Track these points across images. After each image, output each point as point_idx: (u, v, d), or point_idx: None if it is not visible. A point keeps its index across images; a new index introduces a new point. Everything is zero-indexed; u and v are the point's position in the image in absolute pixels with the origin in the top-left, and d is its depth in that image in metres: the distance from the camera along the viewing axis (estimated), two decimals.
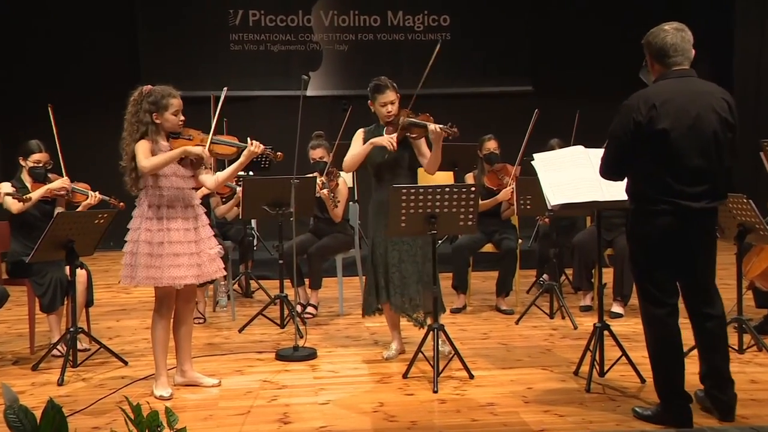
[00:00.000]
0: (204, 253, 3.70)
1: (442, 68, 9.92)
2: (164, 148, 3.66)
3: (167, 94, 3.64)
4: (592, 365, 3.75)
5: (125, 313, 5.86)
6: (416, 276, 4.13)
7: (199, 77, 9.12)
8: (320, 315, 5.64)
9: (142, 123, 3.61)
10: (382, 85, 4.19)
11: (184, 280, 3.62)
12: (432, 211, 3.81)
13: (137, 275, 3.59)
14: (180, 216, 3.65)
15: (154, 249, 3.58)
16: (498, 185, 5.69)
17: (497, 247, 5.69)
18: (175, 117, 3.66)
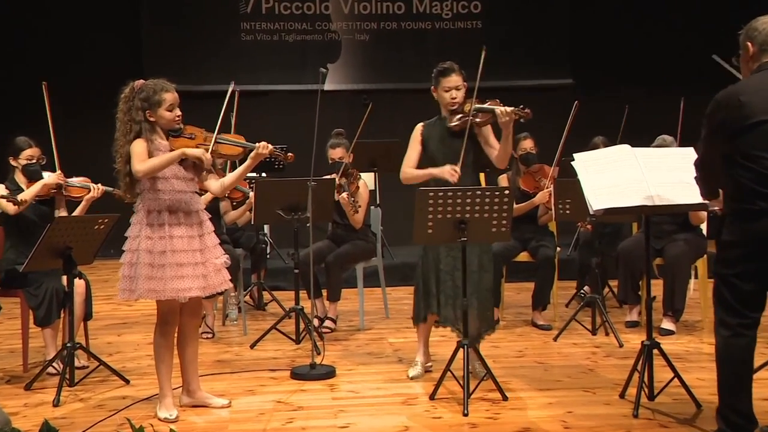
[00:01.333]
0: (210, 263, 3.69)
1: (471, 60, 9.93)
2: (163, 148, 3.64)
3: (159, 89, 3.62)
4: (640, 388, 3.70)
5: (127, 327, 5.89)
6: (471, 287, 4.11)
7: (206, 70, 9.18)
8: (339, 329, 5.63)
9: (135, 122, 3.59)
10: (448, 68, 4.21)
11: (189, 292, 3.61)
12: (462, 216, 3.80)
13: (138, 288, 3.57)
14: (183, 222, 3.64)
15: (155, 259, 3.57)
16: (534, 188, 5.66)
17: (533, 256, 5.66)
18: (170, 113, 3.64)
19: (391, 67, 9.49)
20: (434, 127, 4.27)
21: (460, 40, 9.39)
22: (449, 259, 4.13)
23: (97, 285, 6.71)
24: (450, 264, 4.11)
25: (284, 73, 9.39)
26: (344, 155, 5.68)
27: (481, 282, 4.14)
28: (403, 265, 7.50)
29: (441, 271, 4.13)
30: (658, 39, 9.42)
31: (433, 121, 4.31)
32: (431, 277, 4.18)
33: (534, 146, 5.74)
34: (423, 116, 4.37)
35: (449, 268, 4.12)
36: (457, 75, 4.19)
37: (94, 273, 6.94)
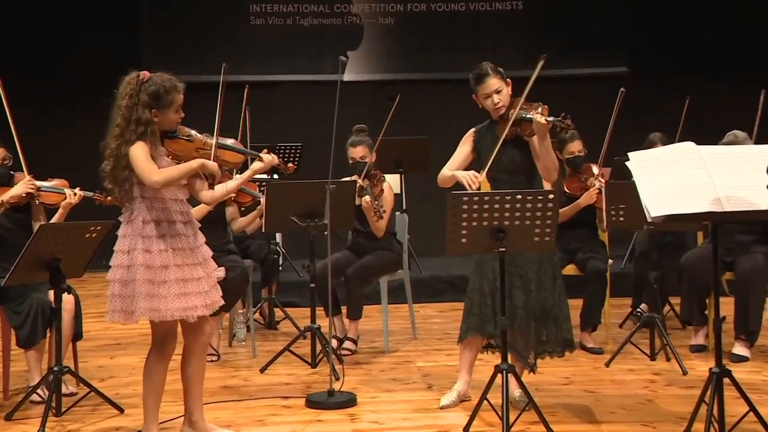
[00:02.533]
0: (209, 278, 3.71)
1: (511, 45, 9.95)
2: (162, 153, 3.66)
3: (172, 88, 3.61)
4: (709, 422, 3.62)
5: (121, 349, 5.90)
6: (530, 307, 4.12)
7: (211, 58, 9.12)
8: (360, 351, 5.62)
9: (141, 121, 3.56)
10: (482, 74, 4.22)
11: (196, 311, 3.62)
12: (500, 223, 3.77)
13: (137, 307, 3.56)
14: (182, 233, 3.64)
15: (156, 274, 3.55)
16: (581, 189, 5.63)
17: (581, 269, 5.62)
18: (177, 115, 3.66)
19: (419, 55, 9.47)
20: (487, 134, 4.31)
21: (499, 23, 9.35)
22: (506, 276, 4.08)
23: (88, 301, 6.71)
24: (507, 281, 4.08)
25: (299, 61, 9.42)
26: (366, 154, 5.68)
27: (540, 302, 4.14)
28: (432, 278, 7.48)
29: (497, 290, 4.11)
30: (728, 23, 9.28)
31: (485, 126, 4.35)
32: (485, 293, 4.18)
33: (583, 148, 5.70)
34: (455, 110, 4.35)
35: (507, 286, 4.08)
36: (494, 77, 4.21)
37: (84, 287, 6.96)
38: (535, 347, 4.19)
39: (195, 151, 3.71)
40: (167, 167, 3.60)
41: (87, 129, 9.36)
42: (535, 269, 4.16)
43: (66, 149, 8.68)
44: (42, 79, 9.01)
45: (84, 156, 9.10)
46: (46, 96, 8.98)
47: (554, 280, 4.22)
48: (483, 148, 4.26)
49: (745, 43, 9.20)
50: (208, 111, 4.15)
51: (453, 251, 3.88)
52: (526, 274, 4.16)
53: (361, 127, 5.88)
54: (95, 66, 8.88)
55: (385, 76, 9.38)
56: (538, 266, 4.16)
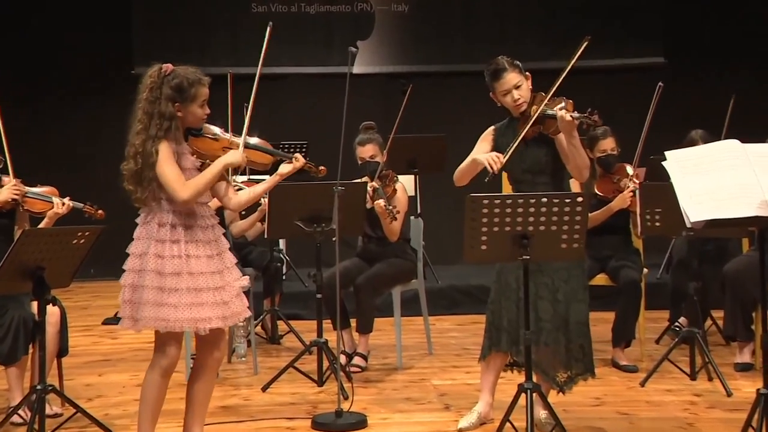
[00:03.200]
0: (230, 287, 3.73)
1: (537, 34, 9.93)
2: (186, 150, 3.71)
3: (196, 80, 3.66)
4: None
5: (110, 366, 5.89)
6: (558, 320, 4.11)
7: (210, 49, 9.25)
8: (371, 368, 5.63)
9: (165, 116, 3.61)
10: (499, 68, 4.21)
11: (209, 323, 3.63)
12: (524, 229, 3.76)
13: (142, 316, 3.58)
14: (200, 239, 3.67)
15: (166, 282, 3.58)
16: (613, 191, 5.60)
17: (614, 279, 5.60)
18: (202, 110, 3.72)
19: (435, 45, 9.47)
20: (507, 133, 4.30)
21: (522, 10, 9.32)
22: (530, 286, 4.07)
23: (75, 313, 6.77)
24: (531, 291, 4.07)
25: (305, 52, 9.44)
26: (376, 154, 5.69)
27: (569, 314, 4.12)
28: (450, 289, 7.48)
29: (520, 301, 4.09)
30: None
31: (505, 125, 4.34)
32: (509, 306, 4.17)
33: (616, 146, 5.67)
34: (474, 105, 4.35)
35: (531, 296, 4.08)
36: (511, 71, 4.21)
37: (70, 298, 7.00)
38: (566, 364, 4.15)
39: (221, 150, 3.76)
40: (193, 179, 3.64)
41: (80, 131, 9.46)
42: (564, 277, 4.14)
43: (56, 152, 8.74)
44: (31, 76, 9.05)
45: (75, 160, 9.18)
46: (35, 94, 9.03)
47: (585, 290, 4.21)
48: (503, 148, 4.24)
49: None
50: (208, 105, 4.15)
51: (472, 259, 3.87)
52: (553, 282, 4.15)
53: (369, 125, 5.88)
54: (86, 61, 8.93)
55: (398, 68, 9.38)
56: (567, 274, 4.14)
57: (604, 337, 5.91)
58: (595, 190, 5.63)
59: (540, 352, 4.12)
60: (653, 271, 6.84)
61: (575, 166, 4.15)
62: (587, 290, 4.24)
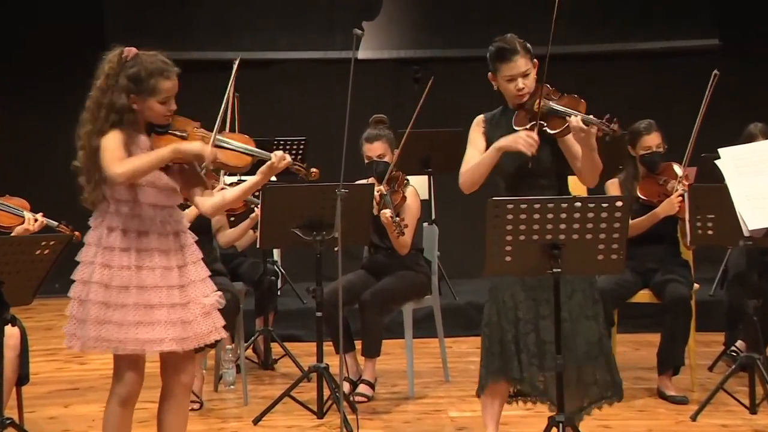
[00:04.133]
0: (194, 305, 3.69)
1: (574, 15, 9.89)
2: (143, 146, 3.66)
3: (157, 72, 3.61)
4: None
5: (78, 395, 5.88)
6: (571, 338, 4.09)
7: (195, 32, 9.24)
8: (379, 398, 5.62)
9: (115, 108, 3.59)
10: (508, 49, 4.18)
11: (161, 345, 3.61)
12: (554, 238, 3.75)
13: (84, 334, 3.59)
14: (157, 248, 3.64)
15: (112, 296, 3.57)
16: (659, 195, 5.57)
17: (659, 296, 5.58)
18: (162, 106, 3.65)
19: (452, 27, 9.45)
20: (499, 125, 4.27)
21: None
22: (530, 303, 4.10)
23: (37, 335, 6.75)
24: (532, 309, 4.08)
25: (303, 35, 9.44)
26: (386, 152, 5.67)
27: (577, 334, 4.08)
28: (468, 306, 7.46)
29: (520, 321, 4.09)
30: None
31: (497, 115, 4.32)
32: (506, 328, 4.13)
33: (662, 143, 5.64)
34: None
35: (531, 316, 4.10)
36: (523, 56, 4.17)
37: (32, 317, 6.99)
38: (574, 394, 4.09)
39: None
40: (133, 156, 3.58)
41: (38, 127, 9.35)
42: (568, 292, 4.08)
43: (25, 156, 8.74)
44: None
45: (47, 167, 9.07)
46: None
47: (595, 304, 4.15)
48: (495, 139, 4.22)
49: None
50: (191, 95, 4.14)
51: (494, 271, 3.88)
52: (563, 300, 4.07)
53: (380, 118, 5.87)
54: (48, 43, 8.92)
55: (409, 53, 9.38)
56: (570, 288, 4.09)
57: (648, 362, 5.90)
58: (638, 193, 5.62)
59: (546, 379, 4.08)
60: (705, 286, 6.82)
61: (588, 169, 4.11)
62: (599, 304, 4.17)
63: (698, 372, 5.81)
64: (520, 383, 4.14)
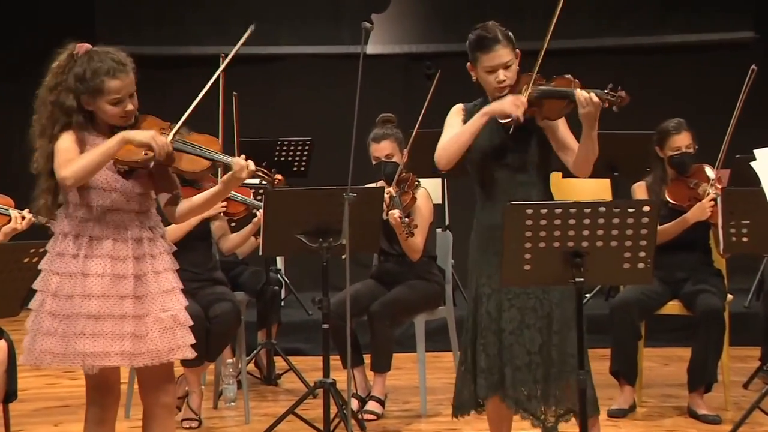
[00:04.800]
0: (151, 318, 3.63)
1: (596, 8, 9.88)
2: None
3: (103, 70, 3.55)
4: None
5: (69, 413, 5.87)
6: (548, 352, 4.08)
7: (189, 25, 9.23)
8: (389, 415, 5.63)
9: (63, 108, 3.57)
10: (489, 38, 4.17)
11: (105, 359, 3.55)
12: (576, 245, 3.75)
13: (35, 346, 3.59)
14: (108, 254, 3.60)
15: (60, 305, 3.57)
16: (689, 199, 5.56)
17: (689, 307, 5.58)
18: (114, 108, 3.60)
19: (466, 20, 9.34)
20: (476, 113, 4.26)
21: None
22: (514, 312, 4.10)
23: None
24: (516, 319, 4.09)
25: (309, 28, 9.45)
26: (394, 152, 5.69)
27: (564, 344, 4.08)
28: None
29: (503, 332, 4.09)
30: None
31: (479, 104, 4.31)
32: (487, 339, 4.14)
33: (693, 143, 5.62)
34: None
35: (514, 326, 4.09)
36: (504, 47, 4.16)
37: (19, 329, 6.94)
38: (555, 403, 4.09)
39: (143, 154, 3.59)
40: (79, 157, 3.53)
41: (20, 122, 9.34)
42: (556, 299, 4.09)
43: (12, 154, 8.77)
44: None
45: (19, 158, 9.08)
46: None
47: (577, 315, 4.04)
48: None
49: None
50: (185, 92, 4.14)
51: (512, 281, 3.88)
52: (542, 307, 4.10)
53: (387, 117, 5.88)
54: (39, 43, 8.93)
55: (421, 48, 9.40)
56: (560, 295, 4.08)
57: (678, 379, 5.90)
58: (666, 197, 5.59)
59: (528, 390, 4.07)
60: (739, 297, 6.80)
61: (587, 156, 4.09)
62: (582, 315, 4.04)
63: (732, 389, 5.79)
64: (504, 399, 4.12)
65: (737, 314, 6.01)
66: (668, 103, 7.57)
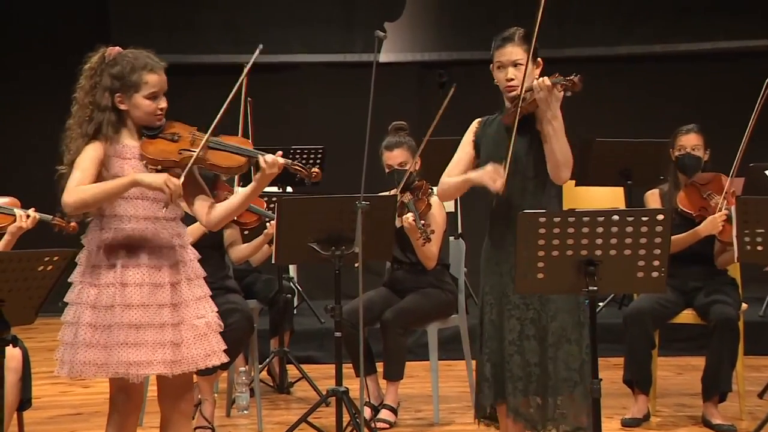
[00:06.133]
0: (187, 326, 3.66)
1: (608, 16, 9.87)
2: (129, 154, 3.65)
3: (141, 65, 3.63)
4: None
5: (82, 420, 5.91)
6: (552, 362, 4.06)
7: (202, 34, 9.26)
8: (402, 424, 5.63)
9: (99, 108, 3.62)
10: (505, 36, 4.21)
11: (148, 368, 3.59)
12: (589, 254, 3.74)
13: (76, 359, 3.60)
14: (145, 264, 3.63)
15: (99, 316, 3.59)
16: (700, 209, 5.53)
17: (703, 316, 5.55)
18: (150, 103, 3.65)
19: (479, 28, 9.43)
20: (492, 124, 4.29)
21: None
22: (513, 322, 4.08)
23: (39, 356, 6.69)
24: (516, 329, 4.07)
25: (322, 36, 9.46)
26: (407, 160, 5.70)
27: (567, 354, 4.05)
28: None
29: (505, 340, 4.08)
30: None
31: (494, 116, 4.33)
32: (492, 349, 4.13)
33: (701, 145, 5.59)
34: None
35: (515, 336, 4.07)
36: (517, 46, 4.18)
37: (34, 337, 6.99)
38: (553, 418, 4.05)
39: (177, 153, 3.67)
40: (87, 185, 3.56)
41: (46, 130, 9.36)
42: (551, 312, 4.05)
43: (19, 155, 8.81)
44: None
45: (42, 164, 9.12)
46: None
47: (579, 328, 4.08)
48: (483, 141, 4.24)
49: None
50: (197, 100, 4.16)
51: (525, 289, 3.87)
52: (539, 318, 4.07)
53: (400, 125, 5.88)
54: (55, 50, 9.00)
55: (434, 56, 9.40)
56: (554, 308, 4.05)
57: (692, 388, 5.89)
58: (678, 204, 5.55)
59: (530, 402, 4.05)
60: (754, 306, 6.79)
61: (554, 158, 4.02)
62: (584, 327, 4.08)
63: (747, 399, 5.77)
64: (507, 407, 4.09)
65: (752, 323, 5.99)
66: (681, 111, 7.52)
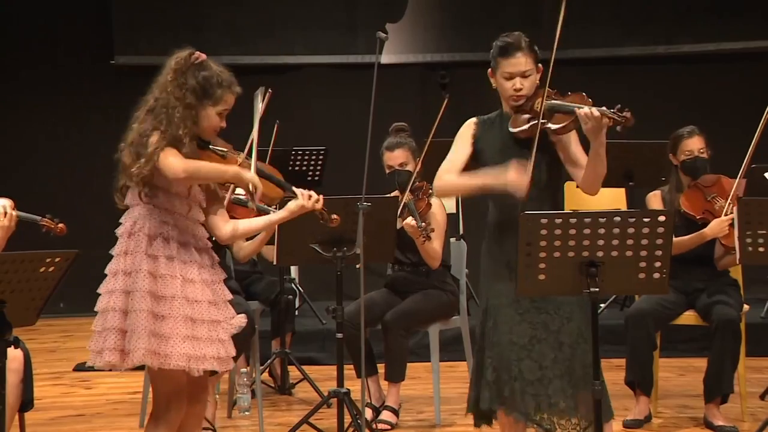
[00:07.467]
0: (225, 324, 3.76)
1: (608, 15, 9.86)
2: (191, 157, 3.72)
3: (228, 83, 3.77)
4: None
5: (84, 422, 5.90)
6: (562, 366, 4.08)
7: (205, 35, 9.23)
8: (403, 425, 5.63)
9: (186, 105, 3.69)
10: (511, 44, 4.21)
11: (203, 363, 3.65)
12: (591, 255, 3.74)
13: (135, 347, 3.59)
14: (197, 261, 3.73)
15: (161, 306, 3.62)
16: (704, 212, 5.52)
17: (705, 318, 5.54)
18: (218, 118, 3.79)
19: (481, 29, 9.42)
20: (492, 128, 4.28)
21: None
22: (524, 327, 4.09)
23: (40, 357, 6.77)
24: (527, 333, 4.08)
25: (324, 38, 9.46)
26: (408, 161, 5.70)
27: (577, 356, 4.07)
28: None
29: (514, 345, 4.08)
30: None
31: (492, 119, 4.33)
32: (494, 351, 4.13)
33: (705, 147, 5.58)
34: None
35: (525, 340, 4.08)
36: (526, 55, 4.18)
37: (35, 339, 7.02)
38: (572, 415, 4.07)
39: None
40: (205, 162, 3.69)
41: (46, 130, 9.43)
42: (567, 314, 4.07)
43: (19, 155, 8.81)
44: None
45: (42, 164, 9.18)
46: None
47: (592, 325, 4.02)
48: (486, 146, 4.24)
49: None
50: None
51: (527, 291, 3.88)
52: (553, 321, 4.08)
53: (401, 126, 5.89)
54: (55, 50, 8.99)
55: (435, 57, 9.39)
56: (570, 310, 4.07)
57: (694, 390, 5.88)
58: (680, 204, 5.54)
59: (540, 402, 4.06)
60: (756, 308, 6.79)
61: (594, 176, 4.09)
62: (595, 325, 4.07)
63: (749, 400, 5.76)
64: (512, 411, 4.10)
65: (753, 325, 5.98)
66: (684, 112, 7.50)
